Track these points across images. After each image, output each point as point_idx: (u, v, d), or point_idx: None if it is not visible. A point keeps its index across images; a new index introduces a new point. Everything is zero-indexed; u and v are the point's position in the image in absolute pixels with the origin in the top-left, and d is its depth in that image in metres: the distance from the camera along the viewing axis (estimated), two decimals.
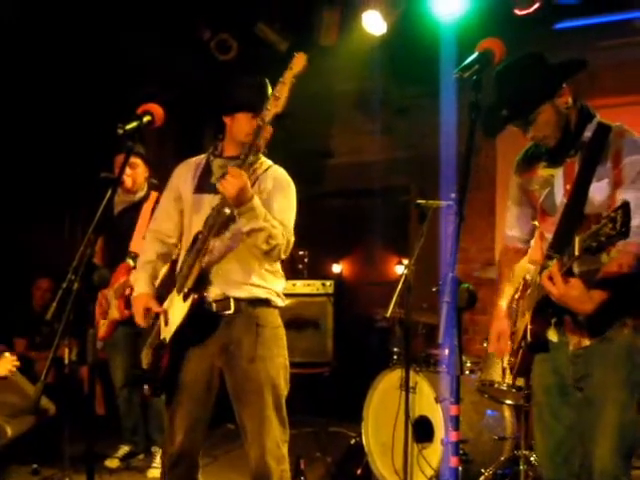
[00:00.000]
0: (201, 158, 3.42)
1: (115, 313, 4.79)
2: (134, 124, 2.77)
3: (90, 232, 2.59)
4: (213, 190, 3.22)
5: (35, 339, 6.40)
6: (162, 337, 3.25)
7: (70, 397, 4.44)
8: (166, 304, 3.29)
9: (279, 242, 3.11)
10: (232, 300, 3.17)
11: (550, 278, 2.51)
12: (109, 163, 4.94)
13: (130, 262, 4.72)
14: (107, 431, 5.51)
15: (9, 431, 4.67)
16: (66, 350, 4.30)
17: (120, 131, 2.73)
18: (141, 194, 5.05)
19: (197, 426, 3.23)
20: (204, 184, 3.31)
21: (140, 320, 3.28)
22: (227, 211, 3.03)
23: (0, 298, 6.39)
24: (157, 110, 2.89)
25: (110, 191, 2.69)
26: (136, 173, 4.98)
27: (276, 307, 3.31)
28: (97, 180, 4.48)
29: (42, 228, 6.89)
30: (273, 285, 3.28)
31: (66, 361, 4.37)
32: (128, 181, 4.94)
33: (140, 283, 3.37)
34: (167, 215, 3.43)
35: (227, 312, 3.16)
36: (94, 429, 2.95)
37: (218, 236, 3.11)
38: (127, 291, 4.72)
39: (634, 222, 2.34)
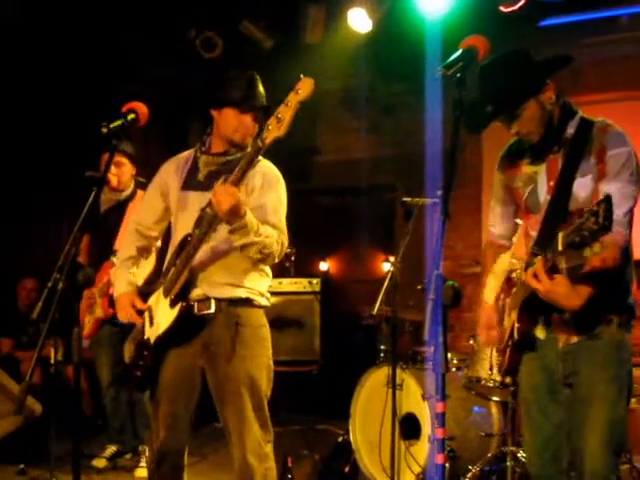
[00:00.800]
0: (189, 153, 3.38)
1: (99, 311, 4.79)
2: (118, 122, 2.77)
3: (75, 231, 2.58)
4: (199, 187, 3.21)
5: (21, 339, 6.38)
6: (146, 337, 3.24)
7: (56, 397, 4.43)
8: (151, 301, 3.26)
9: (273, 250, 3.09)
10: (213, 300, 3.14)
11: (535, 275, 2.52)
12: (95, 162, 4.91)
13: (114, 260, 4.70)
14: (94, 431, 5.51)
15: None
16: (52, 350, 4.28)
17: (104, 130, 2.72)
18: (127, 192, 5.03)
19: (179, 424, 3.21)
20: (191, 181, 3.27)
21: (124, 318, 3.27)
22: (209, 211, 3.01)
23: None
24: (141, 108, 2.88)
25: (95, 190, 2.68)
26: (122, 172, 4.96)
27: (259, 306, 3.27)
28: (82, 179, 4.46)
29: (29, 227, 6.87)
30: (256, 285, 3.24)
31: (52, 361, 4.36)
32: (114, 180, 4.92)
33: (121, 282, 3.34)
34: (151, 209, 3.41)
35: (208, 312, 3.14)
36: (80, 429, 2.94)
37: (207, 241, 3.09)
38: (111, 290, 4.71)
39: (618, 212, 2.37)
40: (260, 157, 3.19)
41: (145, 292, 3.34)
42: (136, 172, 5.09)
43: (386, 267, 6.84)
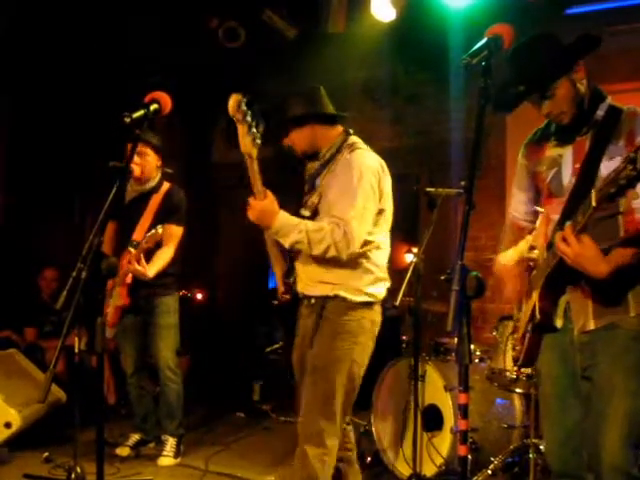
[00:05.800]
0: None
1: (118, 300, 4.82)
2: (141, 112, 2.75)
3: (99, 221, 2.58)
4: (309, 190, 3.44)
5: (45, 328, 6.43)
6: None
7: (80, 385, 4.46)
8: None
9: (328, 243, 3.14)
10: (307, 296, 3.36)
11: (564, 239, 2.48)
12: (119, 153, 4.92)
13: (131, 250, 4.69)
14: (118, 419, 5.55)
15: (21, 420, 4.71)
16: (76, 339, 4.31)
17: (127, 120, 2.70)
18: (152, 184, 5.02)
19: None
20: (308, 186, 3.52)
21: None
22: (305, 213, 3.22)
23: (9, 288, 6.42)
24: (164, 98, 2.87)
25: (118, 180, 2.68)
26: (145, 161, 4.94)
27: (350, 302, 3.28)
28: (106, 169, 4.47)
29: (51, 219, 6.91)
30: (347, 280, 3.27)
31: (76, 350, 4.39)
32: (137, 170, 4.90)
33: None
34: None
35: (305, 305, 3.39)
36: (104, 417, 2.95)
37: None
38: (128, 278, 4.73)
39: None
40: (361, 146, 3.41)
41: None
42: (162, 163, 5.09)
43: (409, 258, 6.80)
